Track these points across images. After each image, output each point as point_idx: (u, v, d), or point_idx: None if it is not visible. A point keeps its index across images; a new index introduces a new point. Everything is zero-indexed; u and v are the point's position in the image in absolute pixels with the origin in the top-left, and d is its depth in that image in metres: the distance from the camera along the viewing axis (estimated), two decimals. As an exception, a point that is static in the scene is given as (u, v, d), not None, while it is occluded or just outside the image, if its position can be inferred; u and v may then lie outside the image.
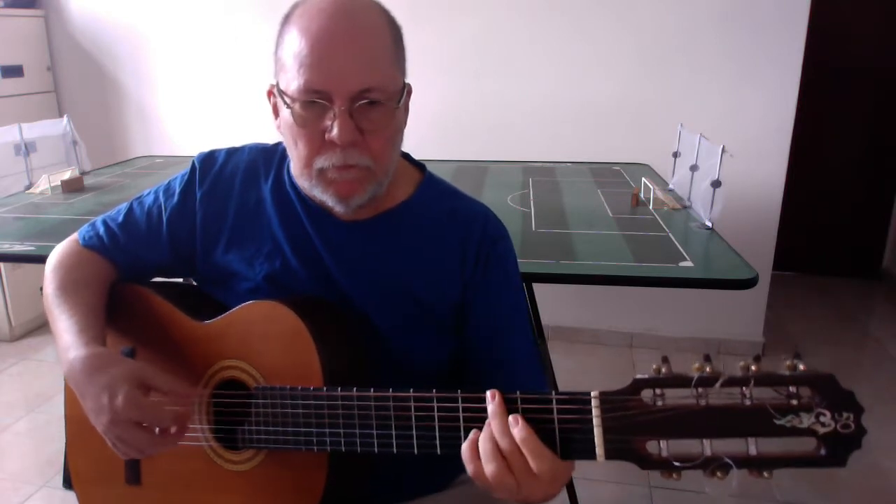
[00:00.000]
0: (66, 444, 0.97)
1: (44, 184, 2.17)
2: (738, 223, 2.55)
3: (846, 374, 2.17)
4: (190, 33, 3.12)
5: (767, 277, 2.81)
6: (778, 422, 0.61)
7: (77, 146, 2.43)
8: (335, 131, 0.78)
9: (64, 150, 2.44)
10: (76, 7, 3.23)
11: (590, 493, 2.00)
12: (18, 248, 1.57)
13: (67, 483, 0.95)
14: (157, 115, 3.27)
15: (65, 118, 2.45)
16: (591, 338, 3.01)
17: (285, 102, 0.80)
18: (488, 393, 0.71)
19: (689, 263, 1.46)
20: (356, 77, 0.77)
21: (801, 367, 0.61)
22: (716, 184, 1.67)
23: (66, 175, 2.20)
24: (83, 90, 3.34)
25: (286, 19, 0.82)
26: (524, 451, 0.68)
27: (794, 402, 0.61)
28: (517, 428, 0.68)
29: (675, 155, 2.21)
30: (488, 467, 0.69)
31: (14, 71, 3.10)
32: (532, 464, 0.68)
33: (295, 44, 0.78)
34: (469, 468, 0.71)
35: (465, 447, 0.71)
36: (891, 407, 2.45)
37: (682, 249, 1.55)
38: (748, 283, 1.36)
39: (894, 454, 2.18)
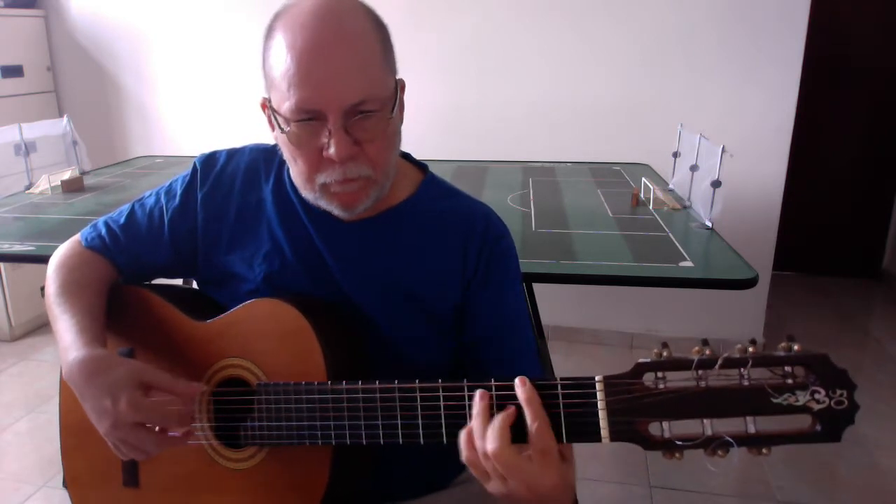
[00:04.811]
0: (61, 448, 0.97)
1: (44, 184, 2.17)
2: (738, 223, 2.55)
3: (846, 374, 2.17)
4: (190, 33, 3.12)
5: (767, 277, 2.81)
6: (775, 400, 0.63)
7: (77, 146, 2.43)
8: (332, 149, 0.78)
9: (64, 150, 2.45)
10: (76, 7, 3.23)
11: (590, 493, 2.00)
12: (18, 248, 1.57)
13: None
14: (157, 115, 3.28)
15: (65, 118, 2.45)
16: (591, 338, 3.01)
17: (279, 123, 0.80)
18: (478, 393, 0.71)
19: (689, 263, 1.46)
20: (348, 92, 0.76)
21: (796, 347, 0.63)
22: (716, 184, 1.67)
23: (66, 175, 2.20)
24: (83, 90, 3.34)
25: (269, 32, 0.80)
26: (495, 463, 0.68)
27: (790, 381, 0.63)
28: (489, 440, 0.68)
29: (675, 155, 2.21)
30: (465, 454, 0.70)
31: (14, 71, 3.10)
32: (505, 474, 0.68)
33: (282, 62, 0.77)
34: (462, 455, 0.71)
35: (461, 433, 0.71)
36: (891, 407, 2.45)
37: (682, 249, 1.55)
38: (748, 283, 1.36)
39: (894, 454, 2.18)
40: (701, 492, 2.01)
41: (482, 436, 0.69)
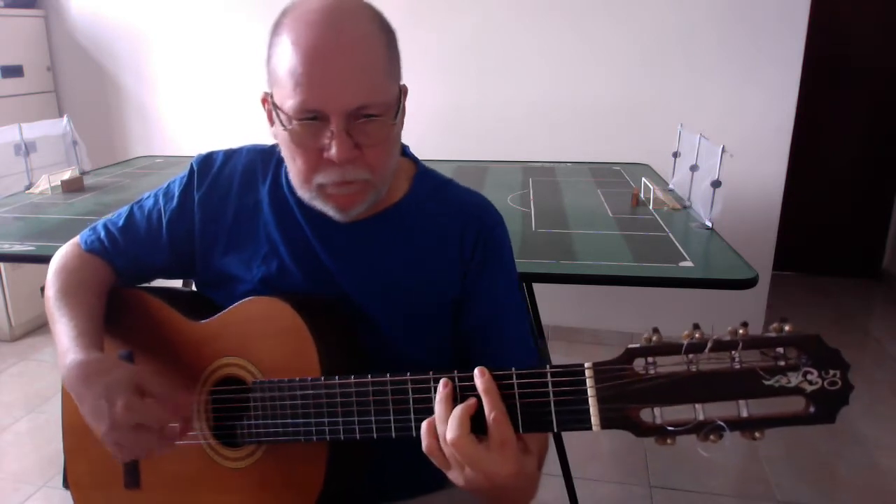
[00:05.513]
0: (64, 449, 0.97)
1: (44, 184, 2.17)
2: (738, 223, 2.55)
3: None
4: (190, 33, 3.12)
5: (767, 277, 2.81)
6: (767, 382, 0.62)
7: (77, 146, 2.43)
8: (333, 150, 0.77)
9: (64, 150, 2.45)
10: (76, 7, 3.23)
11: (590, 492, 2.00)
12: (18, 248, 1.57)
13: (67, 483, 0.96)
14: (157, 115, 3.28)
15: (65, 118, 2.45)
16: (591, 338, 3.01)
17: (281, 120, 0.80)
18: (441, 381, 0.72)
19: (689, 263, 1.46)
20: (352, 95, 0.76)
21: (787, 328, 0.62)
22: (716, 184, 1.67)
23: (66, 175, 2.20)
24: (83, 90, 3.34)
25: (276, 29, 0.80)
26: (455, 452, 0.69)
27: (782, 362, 0.62)
28: (449, 429, 0.69)
29: (675, 155, 2.21)
30: (426, 442, 0.71)
31: (14, 71, 3.10)
32: (464, 463, 0.69)
33: (288, 59, 0.77)
34: (423, 443, 0.72)
35: (425, 421, 0.72)
36: (890, 407, 2.45)
37: (682, 249, 1.55)
38: (748, 283, 1.36)
39: (894, 454, 2.18)
40: (701, 492, 2.01)
41: (444, 424, 0.70)
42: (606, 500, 2.01)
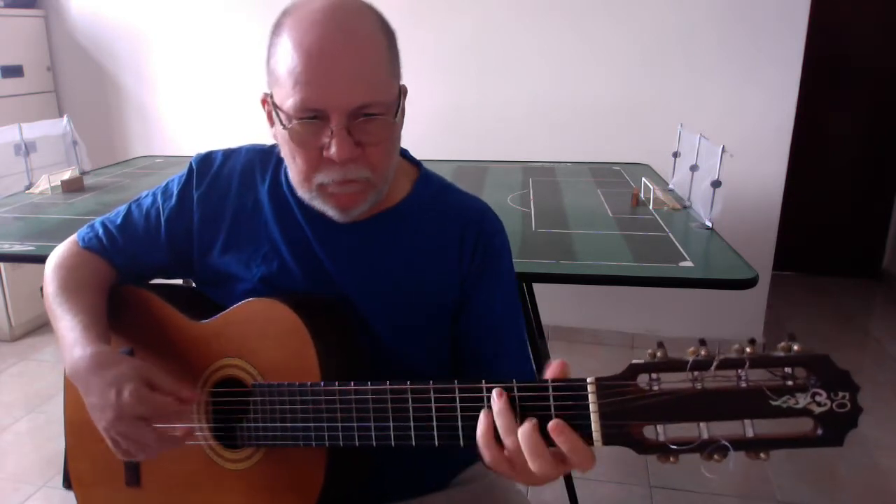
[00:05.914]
0: (66, 447, 0.97)
1: (44, 184, 2.17)
2: (738, 223, 2.55)
3: (846, 374, 2.16)
4: (190, 33, 3.12)
5: (767, 277, 2.81)
6: (774, 403, 0.60)
7: (77, 146, 2.43)
8: (333, 149, 0.77)
9: (64, 150, 2.45)
10: (76, 7, 3.23)
11: (590, 492, 2.00)
12: (18, 248, 1.57)
13: (67, 483, 0.96)
14: (157, 115, 3.28)
15: (65, 118, 2.45)
16: (591, 338, 3.01)
17: (280, 119, 0.79)
18: (494, 391, 0.69)
19: (689, 263, 1.46)
20: (353, 94, 0.76)
21: (796, 347, 0.60)
22: (716, 184, 1.67)
23: (66, 175, 2.20)
24: (83, 90, 3.34)
25: (277, 28, 0.79)
26: (525, 451, 0.67)
27: (790, 382, 0.60)
28: (524, 427, 0.67)
29: (675, 155, 2.21)
30: (486, 453, 0.70)
31: (14, 71, 3.10)
32: (532, 465, 0.67)
33: (288, 58, 0.76)
34: (485, 455, 0.70)
35: (480, 433, 0.70)
36: (891, 407, 2.45)
37: (682, 249, 1.55)
38: (748, 283, 1.36)
39: (894, 454, 2.18)
40: (701, 492, 2.01)
41: (511, 434, 0.68)
42: (606, 500, 2.01)
